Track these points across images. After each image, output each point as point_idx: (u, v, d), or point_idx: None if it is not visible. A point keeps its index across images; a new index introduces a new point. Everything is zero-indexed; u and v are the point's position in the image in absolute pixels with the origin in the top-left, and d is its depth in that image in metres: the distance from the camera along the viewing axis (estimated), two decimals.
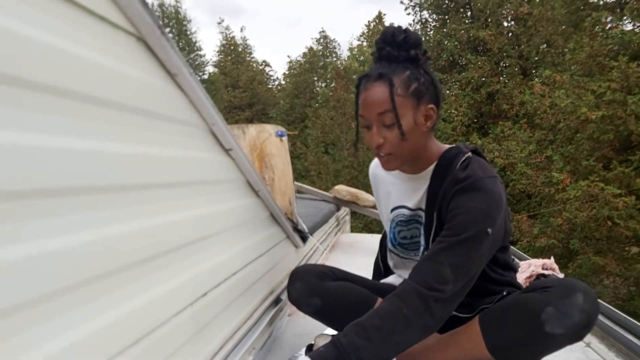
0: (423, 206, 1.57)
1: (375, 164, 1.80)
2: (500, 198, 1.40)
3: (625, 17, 10.75)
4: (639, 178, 9.43)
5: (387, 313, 1.31)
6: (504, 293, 1.55)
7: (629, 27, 10.88)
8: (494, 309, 1.46)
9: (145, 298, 0.92)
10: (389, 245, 1.74)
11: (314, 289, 1.68)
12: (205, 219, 1.24)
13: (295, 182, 4.64)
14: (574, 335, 1.34)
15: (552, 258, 2.78)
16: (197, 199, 1.20)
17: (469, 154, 1.50)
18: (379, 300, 1.68)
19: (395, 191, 1.67)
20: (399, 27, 1.46)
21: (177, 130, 1.10)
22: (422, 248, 1.62)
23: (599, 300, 2.12)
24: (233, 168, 1.44)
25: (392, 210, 1.69)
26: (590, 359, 1.86)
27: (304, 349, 1.71)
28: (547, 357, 1.61)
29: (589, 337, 1.99)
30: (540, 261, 2.73)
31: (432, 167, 1.54)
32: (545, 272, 2.63)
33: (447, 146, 1.57)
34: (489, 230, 1.36)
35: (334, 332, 1.70)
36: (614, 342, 1.88)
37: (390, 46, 1.45)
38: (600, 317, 2.04)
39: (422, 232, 1.60)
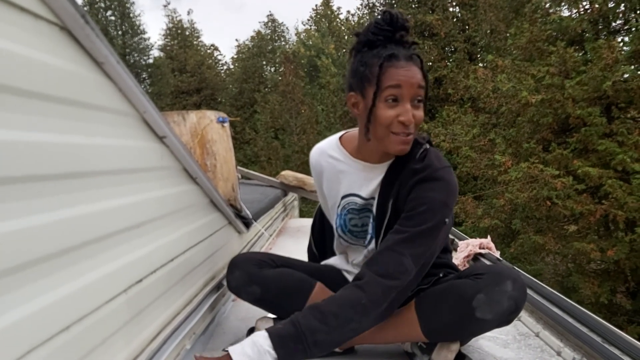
0: (376, 196, 1.59)
1: (317, 152, 1.78)
2: (455, 188, 1.47)
3: (562, 3, 11.05)
4: (576, 159, 9.79)
5: (347, 301, 1.35)
6: (440, 275, 1.61)
7: (566, 13, 11.21)
8: (429, 294, 1.52)
9: (74, 285, 0.92)
10: (339, 231, 1.74)
11: (253, 278, 1.69)
12: (138, 207, 1.24)
13: (242, 168, 4.63)
14: (503, 320, 1.44)
15: (488, 237, 2.90)
16: (129, 187, 1.20)
17: (426, 145, 1.54)
18: (318, 284, 1.72)
19: (346, 179, 1.67)
20: (400, 12, 1.51)
21: (107, 119, 1.09)
22: (369, 236, 1.65)
23: (529, 276, 2.24)
24: (168, 155, 1.44)
25: (343, 197, 1.69)
26: (519, 331, 1.96)
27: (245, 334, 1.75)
28: None
29: None
30: (477, 241, 2.84)
31: (391, 159, 1.57)
32: (482, 251, 2.74)
33: None
34: (447, 220, 1.42)
35: (275, 316, 1.74)
36: (541, 315, 1.98)
37: (404, 31, 1.50)
38: (530, 292, 2.14)
39: (372, 221, 1.63)
